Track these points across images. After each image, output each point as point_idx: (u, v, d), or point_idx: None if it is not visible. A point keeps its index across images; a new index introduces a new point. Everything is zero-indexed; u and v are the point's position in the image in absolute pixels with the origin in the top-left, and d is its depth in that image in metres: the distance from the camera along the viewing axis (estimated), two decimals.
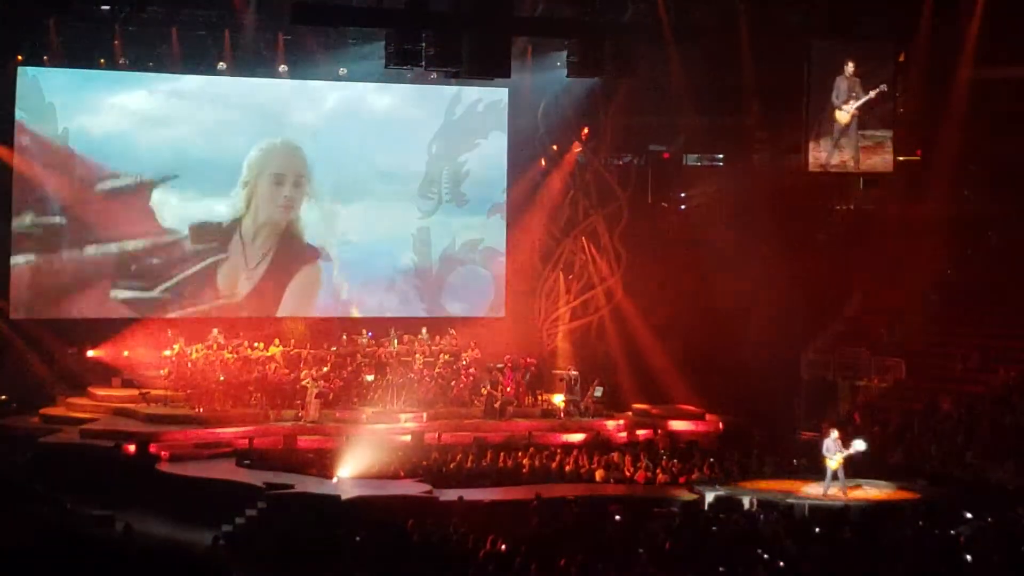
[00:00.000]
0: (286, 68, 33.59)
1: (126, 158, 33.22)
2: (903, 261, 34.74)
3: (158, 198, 33.60)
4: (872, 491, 25.75)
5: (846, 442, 25.40)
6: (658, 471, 27.15)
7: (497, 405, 31.15)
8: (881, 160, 34.64)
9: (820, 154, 33.99)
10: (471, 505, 23.61)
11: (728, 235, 34.71)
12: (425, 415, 30.40)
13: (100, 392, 31.63)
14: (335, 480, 25.82)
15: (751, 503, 24.35)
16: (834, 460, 25.13)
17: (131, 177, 33.39)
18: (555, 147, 36.86)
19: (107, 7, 30.97)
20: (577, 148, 37.07)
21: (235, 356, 31.17)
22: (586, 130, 36.76)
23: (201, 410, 29.85)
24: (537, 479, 26.27)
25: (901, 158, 35.15)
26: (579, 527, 21.37)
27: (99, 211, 33.10)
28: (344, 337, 32.90)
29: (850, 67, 33.46)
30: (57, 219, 32.80)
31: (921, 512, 23.49)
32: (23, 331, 32.04)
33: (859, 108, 33.43)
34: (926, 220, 35.05)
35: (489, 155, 36.18)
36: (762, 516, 22.87)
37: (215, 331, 31.84)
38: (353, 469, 26.21)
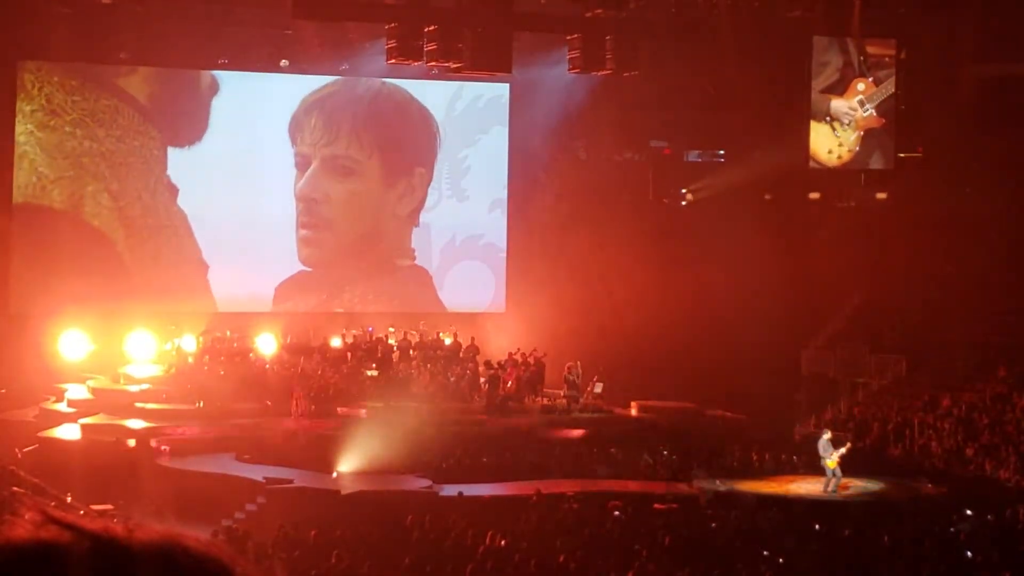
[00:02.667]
0: (287, 63, 33.56)
1: None
2: (904, 258, 34.71)
3: None
4: (872, 488, 25.75)
5: (837, 442, 25.50)
6: (658, 467, 27.12)
7: (497, 400, 31.12)
8: (882, 157, 34.63)
9: (821, 150, 34.02)
10: (471, 500, 23.59)
11: (729, 231, 34.67)
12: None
13: (100, 386, 31.58)
14: (335, 475, 25.80)
15: (751, 500, 24.34)
16: (831, 459, 25.18)
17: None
18: (556, 142, 36.81)
19: (108, 0, 30.93)
20: (578, 143, 36.95)
21: (236, 349, 31.13)
22: (587, 125, 36.69)
23: (201, 404, 29.81)
24: (537, 475, 26.24)
25: (902, 155, 35.12)
26: (579, 523, 21.37)
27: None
28: (344, 331, 32.89)
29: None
30: (58, 212, 32.80)
31: (921, 509, 23.50)
32: (22, 324, 32.00)
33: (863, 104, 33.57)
34: (927, 217, 35.03)
35: (490, 150, 36.16)
36: (762, 513, 22.88)
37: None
38: (353, 464, 26.18)
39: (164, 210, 33.78)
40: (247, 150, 34.03)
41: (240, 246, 34.11)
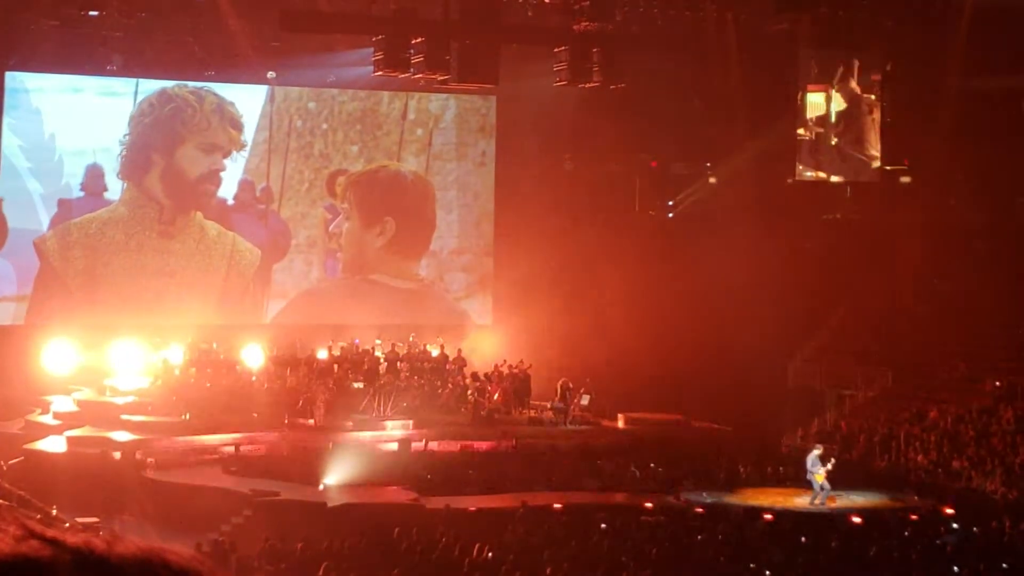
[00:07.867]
0: (274, 74, 33.54)
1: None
2: (889, 270, 34.78)
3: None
4: (859, 501, 25.78)
5: (826, 458, 25.54)
6: (645, 479, 27.11)
7: (484, 412, 31.07)
8: (868, 169, 34.73)
9: (807, 163, 34.12)
10: (457, 513, 23.56)
11: (715, 244, 34.72)
12: (411, 423, 30.23)
13: (86, 398, 31.45)
14: (321, 487, 25.73)
15: (738, 512, 24.33)
16: (819, 473, 25.22)
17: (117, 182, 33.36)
18: (543, 155, 36.82)
19: (95, 12, 30.89)
20: (565, 156, 36.99)
21: (222, 361, 31.07)
22: (574, 138, 36.72)
23: (188, 417, 29.71)
24: (523, 487, 26.21)
25: (888, 167, 35.22)
26: (565, 535, 21.35)
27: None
28: (331, 343, 32.83)
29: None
30: (43, 222, 32.74)
31: (907, 522, 23.52)
32: (7, 335, 31.89)
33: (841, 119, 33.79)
34: (912, 229, 35.13)
35: (477, 162, 36.16)
36: (749, 525, 22.87)
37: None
38: (339, 477, 26.12)
39: None
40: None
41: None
